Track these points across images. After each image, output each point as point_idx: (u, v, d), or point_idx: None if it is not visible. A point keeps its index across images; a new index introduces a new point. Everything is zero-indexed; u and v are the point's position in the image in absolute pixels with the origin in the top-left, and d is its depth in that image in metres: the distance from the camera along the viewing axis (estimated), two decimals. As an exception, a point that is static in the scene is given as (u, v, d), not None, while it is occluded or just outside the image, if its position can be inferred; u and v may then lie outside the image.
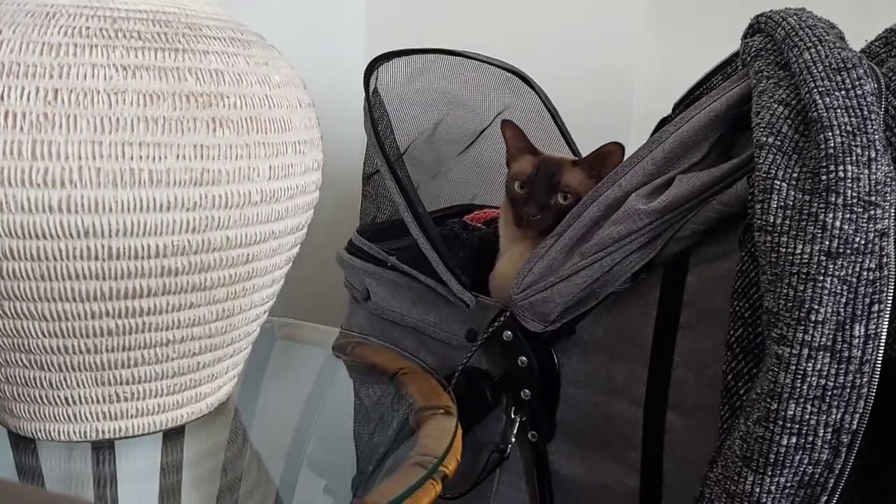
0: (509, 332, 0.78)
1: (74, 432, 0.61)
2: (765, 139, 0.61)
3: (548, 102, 1.08)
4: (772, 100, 0.63)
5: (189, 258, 0.56)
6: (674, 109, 0.85)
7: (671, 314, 0.71)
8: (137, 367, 0.59)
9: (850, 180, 0.55)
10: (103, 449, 0.63)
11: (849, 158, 0.56)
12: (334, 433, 0.78)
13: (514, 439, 0.79)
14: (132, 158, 0.52)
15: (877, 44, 0.69)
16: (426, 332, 0.88)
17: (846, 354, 0.54)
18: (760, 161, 0.60)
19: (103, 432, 0.61)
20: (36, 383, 0.59)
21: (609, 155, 0.81)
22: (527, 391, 0.78)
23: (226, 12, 0.64)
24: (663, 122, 0.84)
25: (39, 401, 0.60)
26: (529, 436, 0.79)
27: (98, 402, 0.60)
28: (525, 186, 0.83)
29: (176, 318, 0.58)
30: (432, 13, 1.35)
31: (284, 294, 0.72)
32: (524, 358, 0.78)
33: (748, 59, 0.70)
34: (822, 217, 0.55)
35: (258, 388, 0.80)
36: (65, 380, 0.58)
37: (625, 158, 0.77)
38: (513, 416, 0.79)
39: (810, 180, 0.57)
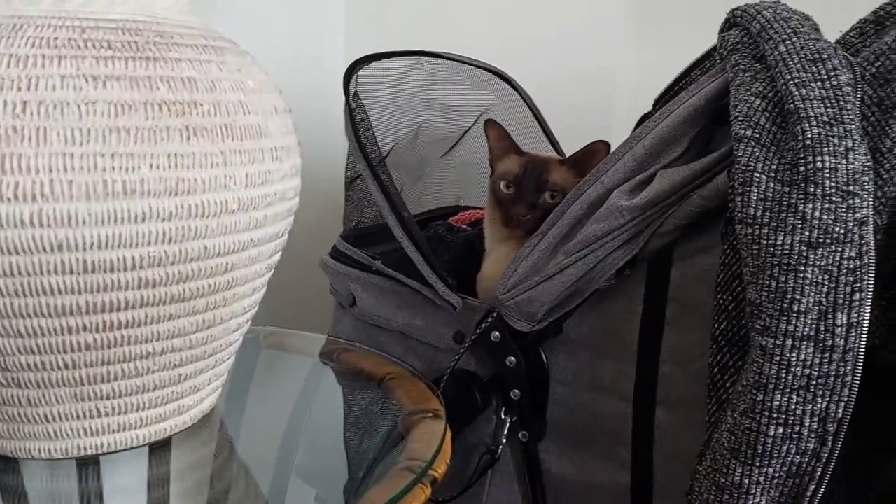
0: (497, 333, 0.78)
1: (56, 450, 0.60)
2: (743, 132, 0.61)
3: (530, 102, 1.08)
4: (749, 93, 0.63)
5: (166, 269, 0.55)
6: (654, 105, 0.85)
7: (656, 310, 0.71)
8: (117, 381, 0.58)
9: (828, 170, 0.55)
10: (88, 465, 0.62)
11: (826, 149, 0.56)
12: (324, 441, 0.78)
13: (504, 440, 0.79)
14: (105, 170, 0.51)
15: (851, 34, 0.69)
16: (413, 336, 0.87)
17: (829, 343, 0.54)
18: (739, 154, 0.60)
19: (85, 449, 0.60)
20: (14, 401, 0.58)
21: (595, 153, 0.81)
22: (516, 391, 0.78)
23: (198, 20, 0.63)
24: (644, 119, 0.84)
25: (18, 419, 0.59)
26: (520, 436, 0.79)
27: (78, 418, 0.59)
28: (512, 186, 0.83)
29: (155, 331, 0.57)
30: (412, 15, 1.35)
31: (269, 302, 0.72)
32: (512, 358, 0.77)
33: (725, 52, 0.71)
34: (801, 208, 0.55)
35: (245, 399, 0.80)
36: (44, 397, 0.58)
37: (609, 156, 0.77)
38: (503, 416, 0.79)
39: (789, 171, 0.57)
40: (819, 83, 0.60)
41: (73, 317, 0.54)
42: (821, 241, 0.55)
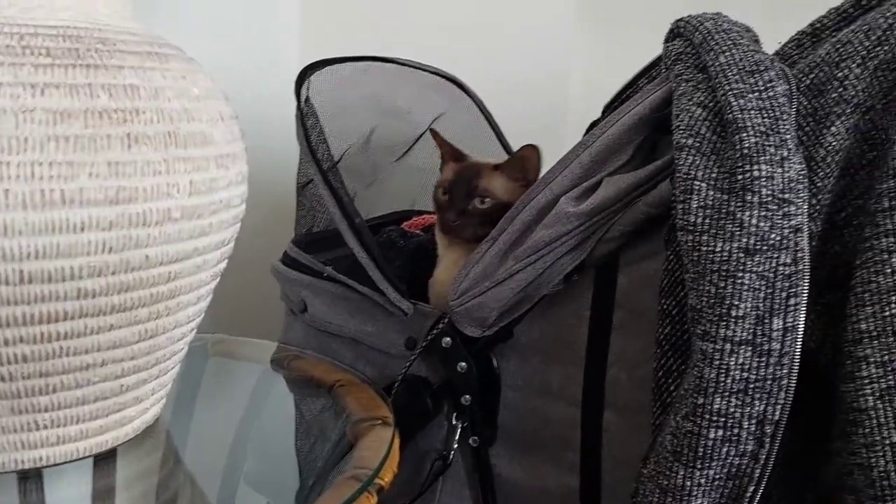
0: (448, 339, 0.78)
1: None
2: (684, 141, 0.62)
3: (483, 108, 1.09)
4: (690, 102, 0.65)
5: (106, 279, 0.54)
6: (603, 112, 0.86)
7: (604, 315, 0.72)
8: (56, 393, 0.57)
9: (764, 179, 0.57)
10: (29, 478, 0.61)
11: (763, 158, 0.57)
12: (274, 449, 0.77)
13: (456, 445, 0.79)
14: (42, 179, 0.50)
15: (789, 46, 0.71)
16: (365, 343, 0.87)
17: (766, 348, 0.55)
18: (680, 162, 0.61)
19: (23, 462, 0.59)
20: None
21: (525, 158, 0.83)
22: (467, 397, 0.78)
23: (142, 26, 0.63)
24: (593, 125, 0.85)
25: None
26: (471, 441, 0.80)
27: (16, 431, 0.58)
28: (447, 193, 0.85)
29: (95, 342, 0.57)
30: (367, 20, 1.35)
31: (218, 310, 0.71)
32: (463, 364, 0.78)
33: (669, 62, 0.72)
34: (739, 215, 0.57)
35: (192, 407, 0.79)
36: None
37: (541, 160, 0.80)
38: (454, 422, 0.79)
39: (728, 180, 0.59)
40: (756, 94, 0.61)
41: (10, 328, 0.53)
42: (758, 247, 0.56)
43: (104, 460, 0.64)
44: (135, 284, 0.56)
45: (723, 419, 0.56)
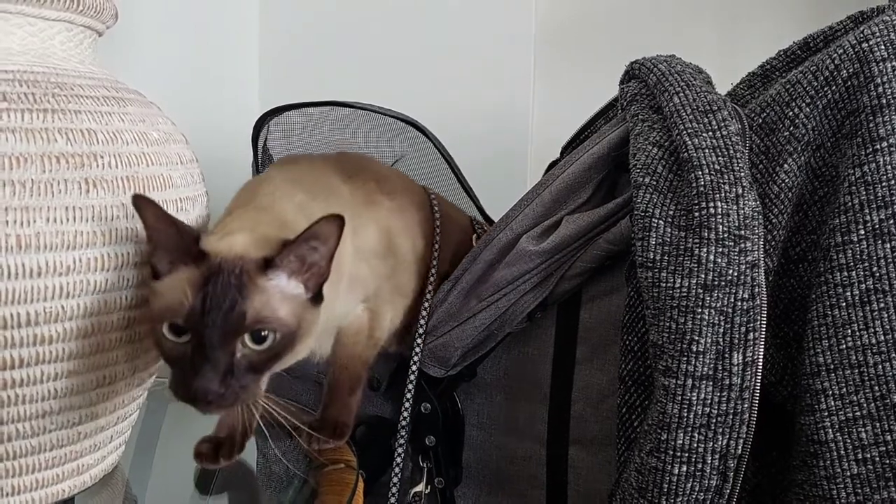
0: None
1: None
2: (641, 179, 0.63)
3: (443, 150, 1.09)
4: (647, 142, 0.66)
5: (64, 325, 0.53)
6: (562, 153, 0.88)
7: (567, 351, 0.73)
8: (12, 441, 0.55)
9: (720, 216, 0.58)
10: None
11: (718, 195, 0.59)
12: (237, 495, 0.75)
13: (421, 487, 0.78)
14: (-3, 224, 0.50)
15: (741, 86, 0.73)
16: (329, 384, 0.86)
17: (727, 382, 0.56)
18: (638, 200, 0.62)
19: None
20: None
21: (322, 235, 0.54)
22: (431, 437, 0.78)
23: (101, 70, 0.62)
24: (552, 166, 0.86)
25: None
26: (436, 482, 0.79)
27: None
28: (186, 331, 0.52)
29: (52, 388, 0.55)
30: (325, 64, 1.36)
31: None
32: (427, 404, 0.77)
33: (625, 103, 0.74)
34: (696, 252, 0.58)
35: (152, 454, 0.77)
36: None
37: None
38: (420, 463, 0.79)
39: (685, 217, 0.60)
40: (710, 133, 0.63)
41: (-39, 378, 0.52)
42: (716, 283, 0.57)
43: None
44: (93, 330, 0.55)
45: (686, 454, 0.56)
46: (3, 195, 0.50)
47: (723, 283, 0.57)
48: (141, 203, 0.52)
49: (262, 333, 0.52)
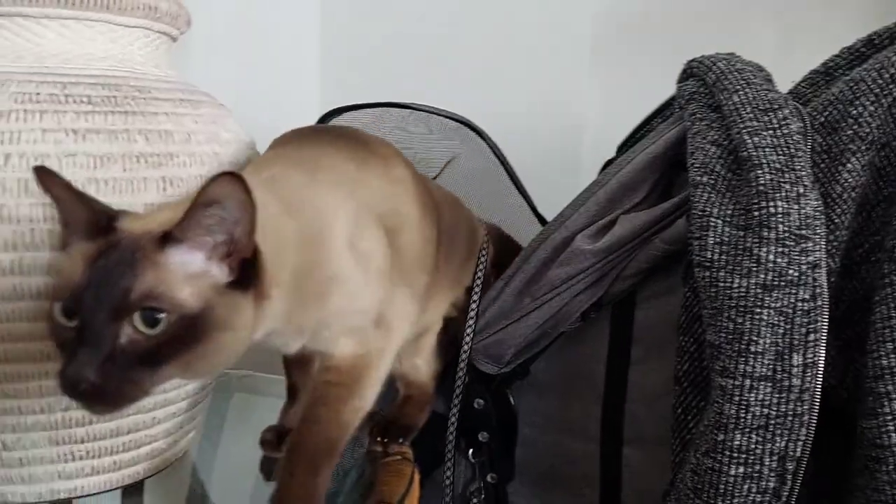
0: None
1: (30, 493, 0.60)
2: (699, 178, 0.63)
3: (497, 150, 1.10)
4: (705, 140, 0.66)
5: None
6: (618, 152, 0.88)
7: (622, 351, 0.73)
8: (93, 425, 0.59)
9: (780, 215, 0.58)
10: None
11: (778, 195, 0.58)
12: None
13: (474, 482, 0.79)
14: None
15: (803, 84, 0.72)
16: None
17: (786, 384, 0.56)
18: (696, 199, 0.62)
19: (59, 492, 0.61)
20: None
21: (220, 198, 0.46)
22: (484, 433, 0.78)
23: (175, 73, 0.65)
24: (608, 164, 0.86)
25: None
26: (489, 478, 0.80)
27: (53, 461, 0.59)
28: (76, 312, 0.45)
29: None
30: (385, 68, 1.38)
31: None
32: (480, 400, 0.78)
33: (683, 102, 0.74)
34: (756, 251, 0.57)
35: (217, 442, 0.80)
36: (19, 440, 0.58)
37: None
38: (472, 458, 0.80)
39: (743, 216, 0.60)
40: (771, 132, 0.62)
41: (51, 361, 0.55)
42: (775, 283, 0.57)
43: (132, 492, 0.65)
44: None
45: (744, 456, 0.56)
46: (89, 193, 0.53)
47: (783, 284, 0.57)
48: (44, 176, 0.46)
49: (156, 316, 0.44)
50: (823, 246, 0.58)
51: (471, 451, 0.80)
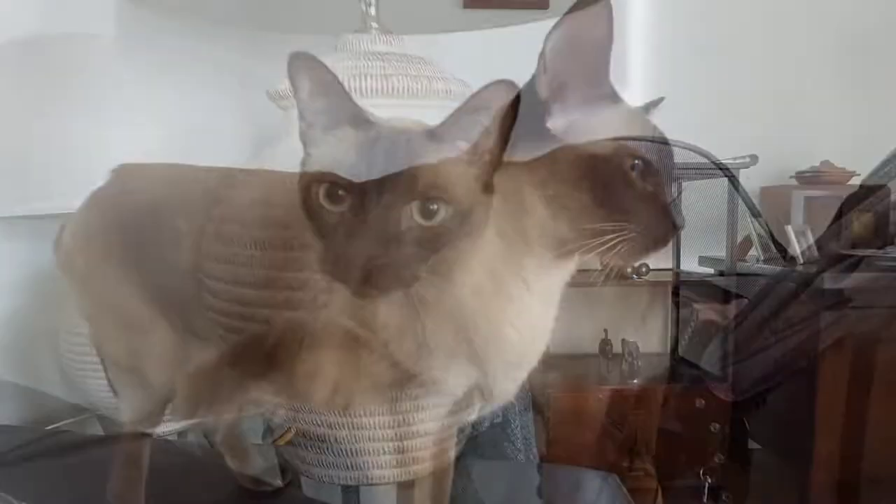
0: (702, 400, 0.84)
1: (350, 478, 0.74)
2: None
3: (727, 171, 1.08)
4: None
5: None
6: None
7: (861, 387, 0.74)
8: (400, 427, 0.72)
9: None
10: (350, 490, 0.76)
11: None
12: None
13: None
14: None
15: None
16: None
17: None
18: None
19: (371, 479, 0.74)
20: (327, 440, 0.73)
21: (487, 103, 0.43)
22: (720, 455, 0.83)
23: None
24: (850, 199, 0.86)
25: (327, 453, 0.74)
26: (724, 497, 0.84)
27: (371, 454, 0.73)
28: (344, 199, 0.43)
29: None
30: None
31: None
32: (717, 424, 0.83)
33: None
34: None
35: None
36: (348, 437, 0.72)
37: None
38: (703, 478, 0.84)
39: None
40: None
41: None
42: None
43: (405, 487, 0.77)
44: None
45: None
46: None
47: None
48: (305, 61, 0.43)
49: (432, 206, 0.43)
50: None
51: (701, 470, 0.85)
